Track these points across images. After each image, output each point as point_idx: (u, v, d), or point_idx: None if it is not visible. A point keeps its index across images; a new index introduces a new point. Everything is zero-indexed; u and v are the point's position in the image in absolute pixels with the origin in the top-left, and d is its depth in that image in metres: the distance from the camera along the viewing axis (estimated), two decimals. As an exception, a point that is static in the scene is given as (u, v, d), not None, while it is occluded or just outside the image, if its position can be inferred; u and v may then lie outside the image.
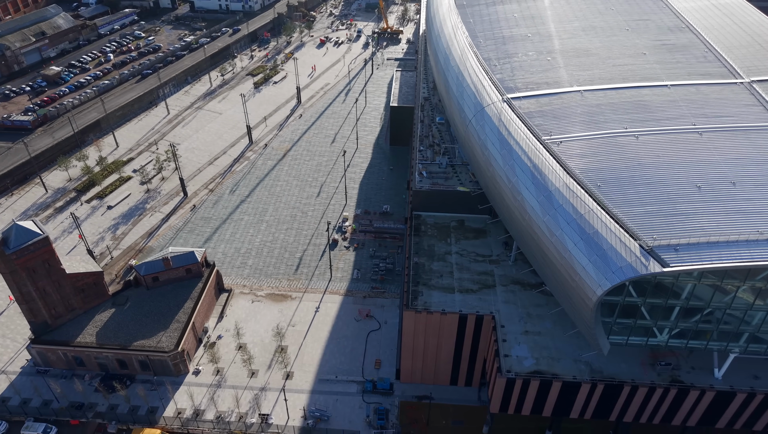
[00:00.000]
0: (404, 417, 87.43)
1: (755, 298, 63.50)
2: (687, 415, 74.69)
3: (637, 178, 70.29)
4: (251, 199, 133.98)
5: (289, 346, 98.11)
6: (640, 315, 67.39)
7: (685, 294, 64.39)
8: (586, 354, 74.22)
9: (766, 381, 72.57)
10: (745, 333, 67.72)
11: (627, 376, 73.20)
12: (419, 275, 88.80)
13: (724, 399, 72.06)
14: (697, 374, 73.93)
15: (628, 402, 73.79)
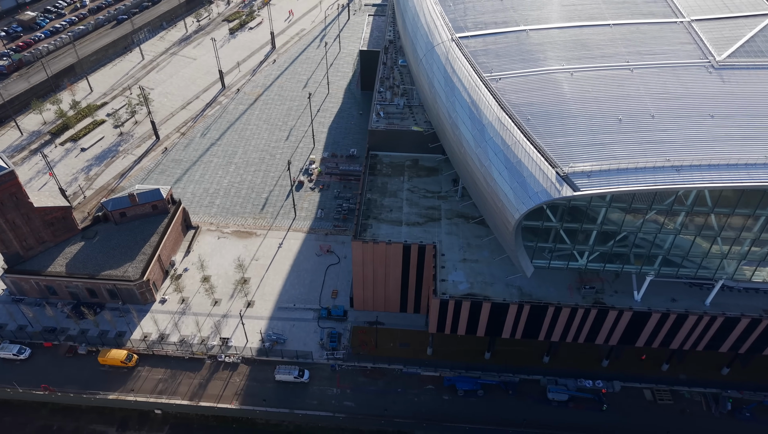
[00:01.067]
0: (355, 340, 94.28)
1: (663, 223, 68.60)
2: (608, 335, 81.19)
3: (564, 111, 74.18)
4: (221, 142, 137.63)
5: (251, 278, 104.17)
6: (560, 239, 72.69)
7: (600, 219, 69.47)
8: (512, 276, 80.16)
9: (682, 303, 78.74)
10: (658, 257, 73.21)
11: (554, 299, 79.33)
12: (370, 210, 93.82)
13: (641, 319, 78.32)
14: (619, 297, 79.98)
15: (554, 322, 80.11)
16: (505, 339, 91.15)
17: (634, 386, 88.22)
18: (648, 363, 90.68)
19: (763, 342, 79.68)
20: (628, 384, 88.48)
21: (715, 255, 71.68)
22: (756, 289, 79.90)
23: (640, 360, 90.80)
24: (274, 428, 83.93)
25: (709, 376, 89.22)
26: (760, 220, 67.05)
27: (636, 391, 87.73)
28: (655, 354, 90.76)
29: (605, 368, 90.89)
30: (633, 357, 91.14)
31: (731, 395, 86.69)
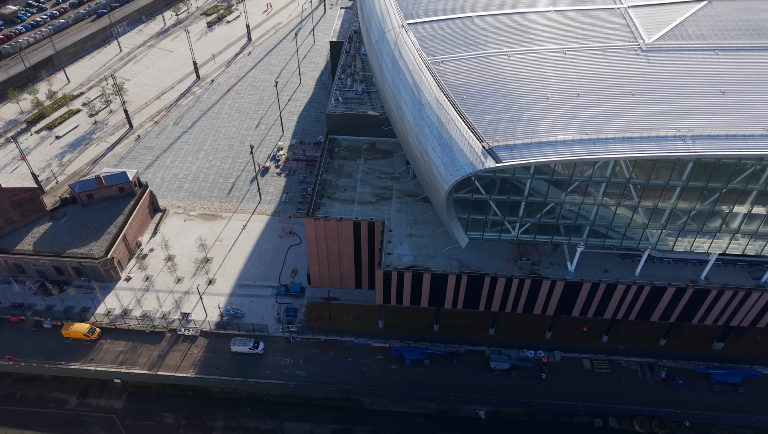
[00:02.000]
0: (310, 315, 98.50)
1: (585, 194, 72.92)
2: (545, 305, 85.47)
3: (497, 91, 78.33)
4: (193, 130, 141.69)
5: (214, 258, 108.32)
6: (491, 211, 76.95)
7: (526, 191, 73.75)
8: (448, 247, 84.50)
9: (614, 274, 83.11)
10: (584, 228, 77.53)
11: (492, 270, 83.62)
12: (325, 189, 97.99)
13: (574, 289, 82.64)
14: (554, 268, 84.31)
15: (492, 292, 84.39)
16: (454, 313, 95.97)
17: (574, 356, 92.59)
18: (589, 335, 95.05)
19: (691, 311, 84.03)
20: (568, 355, 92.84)
21: (637, 226, 76.03)
22: (685, 261, 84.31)
23: (582, 333, 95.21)
24: (227, 395, 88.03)
25: (647, 347, 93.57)
26: (676, 191, 71.39)
27: (576, 361, 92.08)
28: (596, 327, 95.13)
29: (548, 340, 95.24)
30: (575, 330, 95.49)
31: (666, 364, 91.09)
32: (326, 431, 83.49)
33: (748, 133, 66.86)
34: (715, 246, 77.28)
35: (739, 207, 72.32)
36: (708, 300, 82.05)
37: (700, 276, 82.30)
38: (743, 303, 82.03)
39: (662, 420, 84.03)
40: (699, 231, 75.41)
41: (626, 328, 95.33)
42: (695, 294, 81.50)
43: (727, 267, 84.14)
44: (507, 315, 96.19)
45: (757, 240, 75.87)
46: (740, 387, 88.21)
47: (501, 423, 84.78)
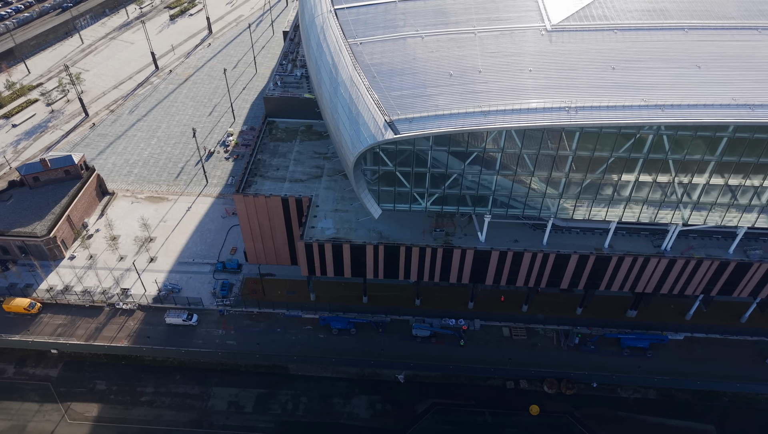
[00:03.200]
0: (246, 289, 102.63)
1: (483, 165, 77.35)
2: (459, 273, 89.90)
3: (406, 69, 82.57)
4: (147, 118, 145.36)
5: (158, 237, 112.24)
6: (399, 182, 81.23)
7: (429, 162, 78.10)
8: (363, 218, 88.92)
9: (523, 243, 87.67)
10: (488, 198, 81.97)
11: (408, 241, 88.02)
12: (258, 169, 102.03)
13: (484, 258, 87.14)
14: (467, 239, 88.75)
15: (408, 262, 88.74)
16: (382, 286, 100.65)
17: (494, 324, 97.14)
18: (510, 305, 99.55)
19: (596, 278, 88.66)
20: (489, 323, 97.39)
21: (536, 195, 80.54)
22: (591, 230, 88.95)
23: (500, 302, 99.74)
24: (159, 364, 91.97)
25: (565, 315, 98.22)
26: (567, 160, 75.92)
27: (495, 329, 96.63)
28: (517, 297, 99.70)
29: (471, 309, 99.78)
30: (496, 300, 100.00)
31: (581, 331, 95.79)
32: (251, 395, 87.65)
33: (627, 103, 71.50)
34: (612, 214, 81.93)
35: (627, 175, 77.01)
36: (611, 267, 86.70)
37: (604, 244, 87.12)
38: (644, 270, 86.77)
39: (570, 381, 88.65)
40: (594, 200, 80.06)
41: (546, 299, 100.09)
42: (598, 262, 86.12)
43: (632, 237, 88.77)
44: (432, 287, 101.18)
45: (649, 208, 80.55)
46: (648, 351, 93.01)
47: (418, 386, 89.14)
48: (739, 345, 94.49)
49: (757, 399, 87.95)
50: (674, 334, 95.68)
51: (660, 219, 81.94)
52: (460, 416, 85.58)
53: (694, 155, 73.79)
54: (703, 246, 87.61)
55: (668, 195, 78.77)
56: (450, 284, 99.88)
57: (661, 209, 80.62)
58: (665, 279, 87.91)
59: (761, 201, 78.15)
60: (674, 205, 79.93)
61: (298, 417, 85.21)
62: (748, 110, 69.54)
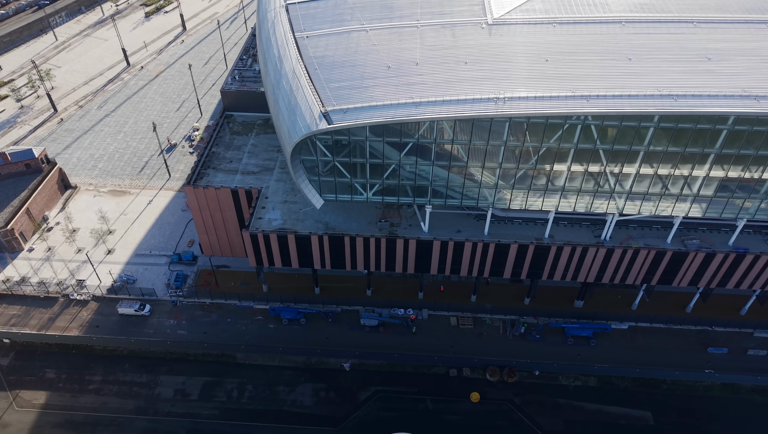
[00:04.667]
0: (199, 281, 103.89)
1: (418, 155, 78.67)
2: (404, 263, 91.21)
3: (347, 62, 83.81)
4: (115, 114, 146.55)
5: (117, 230, 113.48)
6: (339, 173, 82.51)
7: (367, 152, 79.36)
8: (305, 208, 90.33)
9: (466, 233, 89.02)
10: (427, 189, 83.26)
11: (354, 232, 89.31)
12: (212, 161, 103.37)
13: (427, 247, 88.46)
14: (412, 229, 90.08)
15: (354, 252, 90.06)
16: (335, 277, 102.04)
17: (442, 314, 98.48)
18: (458, 294, 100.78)
19: (538, 268, 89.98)
20: (437, 313, 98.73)
21: (472, 185, 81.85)
22: (534, 221, 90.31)
23: (451, 293, 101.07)
24: (109, 353, 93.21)
25: (512, 305, 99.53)
26: (500, 151, 77.22)
27: (443, 318, 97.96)
28: (465, 288, 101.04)
29: (421, 300, 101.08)
30: (447, 290, 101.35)
31: (526, 321, 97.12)
32: (197, 383, 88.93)
33: (555, 94, 72.85)
34: (548, 204, 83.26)
35: (559, 165, 78.36)
36: (551, 257, 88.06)
37: (544, 234, 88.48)
38: (584, 259, 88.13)
39: (512, 369, 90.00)
40: (529, 190, 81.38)
41: (495, 289, 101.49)
42: (538, 251, 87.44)
43: (573, 227, 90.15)
44: (385, 278, 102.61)
45: (584, 198, 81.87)
46: (591, 340, 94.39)
47: (363, 374, 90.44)
48: (683, 334, 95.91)
49: (696, 387, 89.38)
50: (619, 324, 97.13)
51: (596, 209, 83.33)
52: (402, 403, 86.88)
53: (622, 145, 75.18)
54: (642, 236, 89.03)
55: (601, 185, 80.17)
56: (402, 275, 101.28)
57: (596, 199, 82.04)
58: (605, 268, 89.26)
59: (692, 190, 79.57)
60: (608, 195, 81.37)
61: (242, 404, 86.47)
62: (671, 100, 70.89)
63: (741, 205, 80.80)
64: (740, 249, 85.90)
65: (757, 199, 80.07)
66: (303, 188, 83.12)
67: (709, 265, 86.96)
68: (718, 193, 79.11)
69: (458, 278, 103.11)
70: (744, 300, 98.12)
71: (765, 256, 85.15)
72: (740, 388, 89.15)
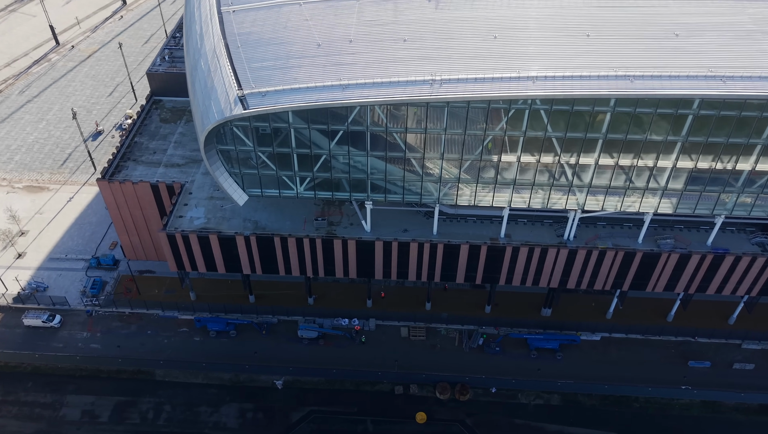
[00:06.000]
0: (120, 288, 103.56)
1: (351, 145, 78.61)
2: (344, 267, 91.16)
3: (273, 39, 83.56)
4: (38, 99, 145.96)
5: (30, 231, 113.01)
6: (263, 164, 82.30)
7: (293, 141, 79.22)
8: (229, 205, 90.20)
9: (412, 233, 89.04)
10: (364, 182, 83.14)
11: (287, 232, 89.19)
12: (133, 152, 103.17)
13: (369, 249, 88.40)
14: (353, 229, 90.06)
15: (286, 255, 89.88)
16: (272, 283, 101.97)
17: (392, 324, 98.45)
18: (411, 302, 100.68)
19: (494, 271, 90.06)
20: (386, 323, 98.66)
21: (413, 179, 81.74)
22: (490, 219, 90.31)
23: (403, 300, 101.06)
24: (11, 370, 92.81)
25: (471, 313, 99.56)
26: (441, 139, 77.13)
27: (393, 329, 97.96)
28: (419, 294, 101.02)
29: (369, 308, 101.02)
30: (397, 298, 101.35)
31: (486, 331, 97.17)
32: (109, 403, 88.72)
33: (498, 75, 72.77)
34: (500, 199, 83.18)
35: (508, 156, 78.38)
36: (507, 259, 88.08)
37: (500, 233, 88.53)
38: (544, 262, 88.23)
39: (464, 385, 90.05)
40: (476, 184, 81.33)
41: (453, 296, 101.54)
42: (492, 252, 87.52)
43: (534, 225, 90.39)
44: (330, 284, 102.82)
45: (539, 192, 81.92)
46: (557, 352, 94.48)
47: (297, 392, 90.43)
48: (662, 345, 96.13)
49: (671, 405, 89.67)
50: (590, 334, 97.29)
51: (554, 204, 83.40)
52: (339, 425, 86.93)
53: (576, 132, 75.21)
54: (611, 235, 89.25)
55: (557, 177, 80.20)
56: (350, 281, 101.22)
57: (553, 193, 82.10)
58: (569, 272, 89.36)
59: (660, 183, 79.70)
60: (566, 189, 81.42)
61: (157, 427, 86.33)
62: (627, 82, 70.90)
63: (716, 199, 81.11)
64: (719, 249, 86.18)
65: (734, 193, 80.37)
66: (222, 182, 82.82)
67: (685, 268, 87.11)
68: (689, 185, 79.29)
69: (413, 284, 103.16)
70: (731, 308, 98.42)
71: (747, 258, 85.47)
72: (722, 406, 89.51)
